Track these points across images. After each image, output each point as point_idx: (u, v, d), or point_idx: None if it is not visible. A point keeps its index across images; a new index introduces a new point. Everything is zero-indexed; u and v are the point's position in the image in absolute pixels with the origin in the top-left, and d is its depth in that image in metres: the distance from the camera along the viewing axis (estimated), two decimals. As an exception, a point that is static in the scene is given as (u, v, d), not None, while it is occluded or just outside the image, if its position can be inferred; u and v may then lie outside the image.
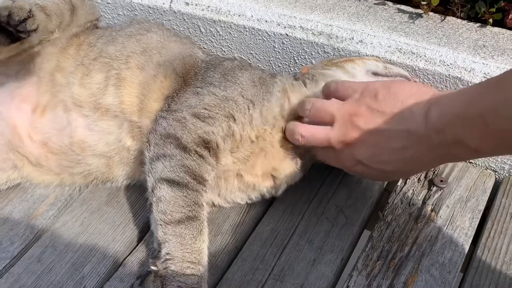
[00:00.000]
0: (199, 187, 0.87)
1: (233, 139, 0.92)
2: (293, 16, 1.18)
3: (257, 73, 1.01)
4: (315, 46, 1.15)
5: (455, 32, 1.14)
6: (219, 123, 0.91)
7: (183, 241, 0.82)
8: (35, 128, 0.98)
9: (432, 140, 0.74)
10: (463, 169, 1.08)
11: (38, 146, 0.98)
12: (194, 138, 0.89)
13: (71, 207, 1.00)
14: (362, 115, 0.82)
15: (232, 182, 0.97)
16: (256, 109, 0.94)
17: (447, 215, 0.99)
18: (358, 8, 1.21)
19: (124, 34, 1.06)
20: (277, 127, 0.96)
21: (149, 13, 1.26)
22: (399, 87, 0.83)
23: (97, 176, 1.01)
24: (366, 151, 0.83)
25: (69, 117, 0.98)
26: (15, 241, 0.93)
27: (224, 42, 1.25)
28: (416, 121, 0.76)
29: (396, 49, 1.09)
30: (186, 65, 1.02)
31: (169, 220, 0.83)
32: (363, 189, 1.05)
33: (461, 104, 0.70)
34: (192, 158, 0.87)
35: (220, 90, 0.95)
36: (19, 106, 0.98)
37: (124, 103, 0.97)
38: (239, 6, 1.21)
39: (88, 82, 0.98)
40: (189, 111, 0.92)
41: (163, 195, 0.85)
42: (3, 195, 1.01)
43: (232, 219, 0.99)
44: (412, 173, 0.91)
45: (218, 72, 0.99)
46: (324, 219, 0.98)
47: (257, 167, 0.96)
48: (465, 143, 0.70)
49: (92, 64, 1.00)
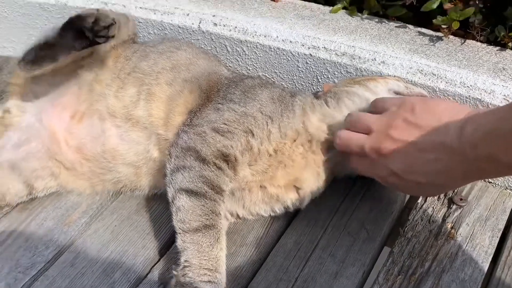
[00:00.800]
0: (217, 197, 0.90)
1: (251, 153, 0.96)
2: (317, 37, 1.22)
3: (277, 91, 1.05)
4: (338, 66, 1.19)
5: (475, 55, 1.17)
6: (237, 137, 0.95)
7: (200, 249, 0.85)
8: (72, 133, 1.04)
9: (465, 153, 0.77)
10: (483, 189, 1.10)
11: (73, 151, 1.04)
12: (213, 151, 0.93)
13: (102, 215, 1.04)
14: (398, 127, 0.86)
15: (256, 193, 1.00)
16: (274, 125, 0.98)
17: (467, 233, 1.01)
18: (379, 30, 1.26)
19: (156, 51, 1.12)
20: (298, 141, 1.00)
21: (178, 32, 1.32)
22: (436, 103, 0.87)
23: (126, 184, 1.06)
24: (400, 161, 0.86)
25: (104, 125, 1.03)
26: (49, 246, 0.97)
27: (249, 61, 1.30)
28: (451, 135, 0.79)
29: (417, 71, 1.13)
30: (210, 81, 1.07)
31: (187, 228, 0.87)
32: (384, 205, 1.07)
33: (495, 121, 0.73)
34: (210, 169, 0.92)
35: (239, 106, 0.99)
36: (59, 114, 1.04)
37: (152, 116, 1.02)
38: (265, 27, 1.26)
39: (122, 94, 1.04)
40: (209, 126, 0.96)
41: (182, 205, 0.89)
42: (38, 202, 1.06)
43: (256, 230, 1.02)
44: (443, 187, 0.92)
45: (239, 89, 1.04)
46: (346, 233, 1.01)
47: (279, 179, 0.99)
48: (497, 158, 0.73)
49: (126, 78, 1.05)
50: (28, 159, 1.02)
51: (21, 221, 1.02)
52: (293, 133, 1.00)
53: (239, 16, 1.29)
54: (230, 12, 1.31)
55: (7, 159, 1.02)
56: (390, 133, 0.86)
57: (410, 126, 0.84)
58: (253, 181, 0.99)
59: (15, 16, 1.47)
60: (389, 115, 0.88)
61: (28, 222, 1.02)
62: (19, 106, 1.07)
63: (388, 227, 1.04)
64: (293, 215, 1.05)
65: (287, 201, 1.00)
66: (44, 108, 1.05)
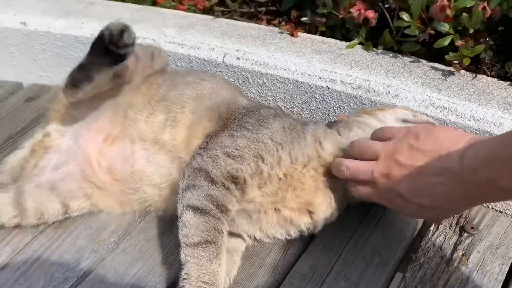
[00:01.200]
0: (221, 215, 0.96)
1: (261, 176, 1.03)
2: (334, 71, 1.30)
3: (289, 120, 1.12)
4: (354, 98, 1.26)
5: (486, 90, 1.23)
6: (247, 162, 1.02)
7: (199, 262, 0.91)
8: (104, 155, 1.12)
9: (466, 178, 0.82)
10: (494, 218, 1.14)
11: (105, 172, 1.12)
12: (223, 173, 1.00)
13: (130, 235, 1.11)
14: (404, 152, 0.91)
15: (271, 216, 1.06)
16: (284, 151, 1.05)
17: (478, 260, 1.04)
18: (394, 65, 1.33)
19: (184, 82, 1.20)
20: (309, 167, 1.06)
21: (204, 65, 1.41)
22: (439, 130, 0.93)
23: (151, 204, 1.13)
24: (406, 185, 0.91)
25: (134, 148, 1.11)
26: (81, 262, 1.04)
27: (269, 92, 1.38)
28: (453, 160, 0.84)
29: (429, 104, 1.19)
30: (229, 110, 1.15)
31: (189, 242, 0.93)
32: (397, 231, 1.12)
33: (494, 147, 0.79)
34: (218, 189, 0.98)
35: (252, 134, 1.07)
36: (93, 137, 1.13)
37: (176, 140, 1.11)
38: (284, 61, 1.34)
39: (152, 120, 1.13)
40: (222, 150, 1.03)
41: (187, 220, 0.95)
42: (71, 221, 1.13)
43: (274, 253, 1.08)
44: (447, 211, 0.96)
45: (253, 118, 1.11)
46: (360, 258, 1.06)
47: (290, 201, 1.05)
48: (496, 183, 0.78)
49: (156, 105, 1.14)
50: (65, 180, 1.10)
51: (56, 238, 1.09)
52: (304, 159, 1.06)
53: (261, 50, 1.38)
54: (252, 47, 1.40)
55: (47, 180, 1.10)
56: (397, 158, 0.91)
57: (415, 151, 0.90)
58: (265, 203, 1.05)
59: (53, 48, 1.59)
60: (395, 142, 0.94)
61: (62, 239, 1.09)
62: (58, 130, 1.17)
63: (401, 253, 1.08)
64: (309, 240, 1.11)
65: (301, 225, 1.06)
66: (81, 132, 1.14)
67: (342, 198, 1.07)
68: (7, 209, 1.07)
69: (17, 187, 1.11)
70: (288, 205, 1.05)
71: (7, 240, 1.08)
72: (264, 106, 1.23)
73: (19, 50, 1.61)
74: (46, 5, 1.62)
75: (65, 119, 1.17)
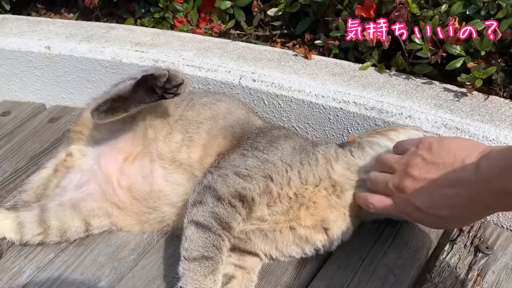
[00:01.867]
0: (223, 232, 0.99)
1: (270, 196, 1.06)
2: (347, 92, 1.33)
3: (299, 141, 1.15)
4: (367, 119, 1.29)
5: (498, 110, 1.24)
6: (256, 181, 1.05)
7: (194, 277, 0.94)
8: (123, 174, 1.16)
9: (481, 187, 0.83)
10: (509, 238, 1.15)
11: (124, 191, 1.16)
12: (231, 191, 1.03)
13: (149, 253, 1.14)
14: (417, 165, 0.93)
15: (287, 234, 1.08)
16: (294, 172, 1.08)
17: (493, 280, 1.05)
18: (406, 86, 1.35)
19: (200, 103, 1.25)
20: (321, 186, 1.09)
21: (221, 87, 1.45)
22: (451, 141, 0.93)
23: (169, 223, 1.16)
24: (422, 198, 0.92)
25: (153, 166, 1.15)
26: (102, 279, 1.07)
27: (284, 113, 1.42)
28: (467, 171, 0.85)
29: (442, 125, 1.21)
30: (243, 130, 1.19)
31: (188, 256, 0.97)
32: (412, 251, 1.13)
33: (508, 158, 0.79)
34: (223, 207, 1.01)
35: (262, 154, 1.10)
36: (114, 157, 1.17)
37: (191, 159, 1.14)
38: (299, 83, 1.38)
39: (169, 140, 1.17)
40: (232, 170, 1.06)
41: (189, 235, 0.99)
42: (92, 239, 1.17)
43: (290, 272, 1.10)
44: (464, 220, 0.97)
45: (265, 139, 1.14)
46: (375, 277, 1.07)
47: (304, 219, 1.07)
48: (511, 192, 0.78)
49: (174, 125, 1.18)
50: (87, 200, 1.14)
51: (77, 256, 1.13)
52: (314, 180, 1.08)
53: (276, 73, 1.42)
54: (267, 69, 1.44)
55: (69, 199, 1.14)
56: (410, 172, 0.93)
57: (428, 164, 0.91)
58: (279, 221, 1.07)
59: (75, 71, 1.65)
60: (408, 155, 0.96)
61: (83, 257, 1.13)
62: (81, 150, 1.21)
63: (415, 273, 1.09)
64: (324, 259, 1.12)
65: (317, 242, 1.08)
66: (102, 152, 1.18)
67: (355, 215, 1.09)
68: (32, 226, 1.12)
69: (41, 205, 1.15)
70: (303, 223, 1.07)
71: (31, 257, 1.13)
72: (277, 127, 1.27)
73: (43, 73, 1.68)
74: (70, 30, 1.69)
75: (87, 140, 1.22)
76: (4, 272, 1.09)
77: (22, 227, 1.12)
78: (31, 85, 1.71)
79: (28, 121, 1.62)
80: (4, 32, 1.70)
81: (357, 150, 1.13)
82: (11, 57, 1.67)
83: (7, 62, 1.68)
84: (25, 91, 1.73)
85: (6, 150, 1.48)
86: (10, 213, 1.14)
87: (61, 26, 1.73)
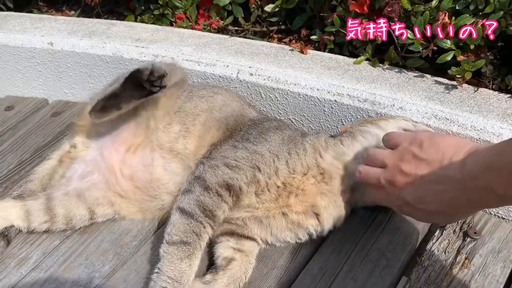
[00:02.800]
0: (205, 220, 1.04)
1: (258, 185, 1.11)
2: (341, 85, 1.37)
3: (288, 132, 1.19)
4: (360, 111, 1.33)
5: (486, 102, 1.29)
6: (243, 172, 1.10)
7: (171, 259, 1.00)
8: (125, 163, 1.20)
9: (467, 184, 0.87)
10: (496, 224, 1.19)
11: (127, 180, 1.20)
12: (219, 181, 1.08)
13: (151, 239, 1.19)
14: (408, 161, 0.97)
15: (280, 220, 1.13)
16: (281, 162, 1.12)
17: (480, 263, 1.10)
18: (399, 79, 1.40)
19: (198, 95, 1.29)
20: (309, 174, 1.13)
21: (219, 81, 1.50)
22: (442, 139, 0.97)
23: (168, 211, 1.20)
24: (411, 193, 0.96)
25: (153, 156, 1.20)
26: (105, 264, 1.12)
27: (281, 106, 1.46)
28: (454, 168, 0.89)
29: (432, 115, 1.25)
30: (237, 122, 1.24)
31: (168, 240, 1.03)
32: (403, 236, 1.17)
33: (492, 155, 0.83)
34: (209, 196, 1.06)
35: (252, 145, 1.15)
36: (117, 148, 1.21)
37: (187, 149, 1.19)
38: (295, 76, 1.42)
39: (168, 130, 1.21)
40: (222, 161, 1.11)
41: (173, 220, 1.05)
42: (96, 227, 1.21)
43: (286, 256, 1.14)
44: (452, 216, 1.00)
45: (256, 131, 1.19)
46: (367, 261, 1.11)
47: (294, 205, 1.12)
48: (494, 190, 0.82)
49: (174, 116, 1.23)
50: (91, 189, 1.19)
51: (82, 242, 1.17)
52: (302, 168, 1.13)
53: (272, 67, 1.46)
54: (264, 63, 1.48)
55: (74, 188, 1.19)
56: (402, 167, 0.97)
57: (419, 161, 0.95)
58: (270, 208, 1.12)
59: (77, 66, 1.69)
60: (400, 151, 1.00)
61: (87, 243, 1.17)
62: (84, 142, 1.26)
63: (406, 257, 1.14)
64: (319, 244, 1.17)
65: (309, 227, 1.12)
66: (105, 144, 1.22)
67: (346, 201, 1.13)
68: (39, 214, 1.16)
69: (47, 194, 1.20)
70: (294, 209, 1.12)
71: (37, 244, 1.17)
72: (269, 119, 1.30)
73: (46, 69, 1.72)
74: (72, 27, 1.74)
75: (90, 133, 1.26)
76: (12, 258, 1.13)
77: (29, 214, 1.16)
78: (34, 81, 1.75)
79: (31, 115, 1.66)
80: (7, 29, 1.74)
81: (347, 139, 1.16)
82: (14, 53, 1.71)
83: (10, 58, 1.72)
84: (28, 86, 1.77)
85: (11, 143, 1.52)
86: (17, 202, 1.18)
87: (63, 23, 1.77)
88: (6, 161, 1.44)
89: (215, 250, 1.11)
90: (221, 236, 1.13)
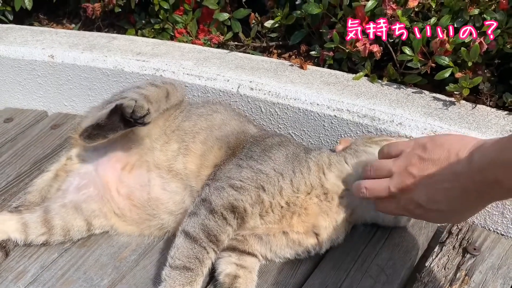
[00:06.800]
0: (208, 245, 1.04)
1: (262, 205, 1.10)
2: (341, 101, 1.38)
3: (292, 149, 1.19)
4: (360, 126, 1.34)
5: (485, 118, 1.30)
6: (248, 192, 1.09)
7: (172, 284, 0.99)
8: (122, 182, 1.20)
9: (475, 179, 0.86)
10: (495, 240, 1.20)
11: (123, 198, 1.20)
12: (224, 203, 1.07)
13: (150, 253, 1.18)
14: (415, 164, 0.96)
15: (280, 238, 1.13)
16: (285, 181, 1.12)
17: (480, 280, 1.09)
18: (398, 95, 1.41)
19: (197, 113, 1.30)
20: (312, 194, 1.13)
21: (219, 95, 1.51)
22: (443, 137, 0.97)
23: (169, 230, 1.20)
24: (422, 194, 0.96)
25: (150, 176, 1.19)
26: (104, 278, 1.11)
27: (281, 120, 1.47)
28: (461, 163, 0.89)
29: (431, 131, 1.26)
30: (238, 139, 1.23)
31: (171, 263, 1.02)
32: (403, 252, 1.17)
33: (499, 149, 0.83)
34: (214, 219, 1.05)
35: (256, 164, 1.14)
36: (112, 165, 1.21)
37: (187, 169, 1.19)
38: (295, 91, 1.43)
39: (166, 149, 1.21)
40: (227, 182, 1.11)
41: (177, 244, 1.04)
42: (94, 240, 1.21)
43: (285, 271, 1.14)
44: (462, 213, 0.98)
45: (259, 148, 1.19)
46: (367, 277, 1.11)
47: (296, 226, 1.12)
48: (502, 183, 0.82)
49: (171, 135, 1.23)
50: (87, 201, 1.18)
51: (80, 255, 1.17)
52: (306, 187, 1.12)
53: (272, 82, 1.47)
54: (264, 78, 1.49)
55: (71, 200, 1.19)
56: (410, 170, 0.96)
57: (426, 162, 0.95)
58: (270, 229, 1.11)
59: (77, 79, 1.70)
60: (405, 156, 0.99)
61: (86, 257, 1.16)
62: (80, 155, 1.26)
63: (406, 273, 1.14)
64: (319, 259, 1.16)
65: (309, 246, 1.12)
66: (100, 161, 1.22)
67: (346, 220, 1.13)
68: (36, 226, 1.16)
69: (44, 207, 1.20)
70: (295, 229, 1.12)
71: (35, 257, 1.16)
72: (271, 134, 1.30)
73: (46, 81, 1.73)
74: (73, 40, 1.75)
75: (86, 147, 1.26)
76: (9, 271, 1.12)
77: (27, 227, 1.15)
78: (34, 93, 1.76)
79: (30, 128, 1.66)
80: (8, 41, 1.75)
81: (352, 157, 1.15)
82: (15, 65, 1.72)
83: (11, 70, 1.73)
84: (28, 98, 1.77)
85: (9, 155, 1.52)
86: (14, 215, 1.18)
87: (64, 36, 1.78)
88: (5, 173, 1.44)
89: (217, 265, 1.10)
90: (223, 251, 1.12)
